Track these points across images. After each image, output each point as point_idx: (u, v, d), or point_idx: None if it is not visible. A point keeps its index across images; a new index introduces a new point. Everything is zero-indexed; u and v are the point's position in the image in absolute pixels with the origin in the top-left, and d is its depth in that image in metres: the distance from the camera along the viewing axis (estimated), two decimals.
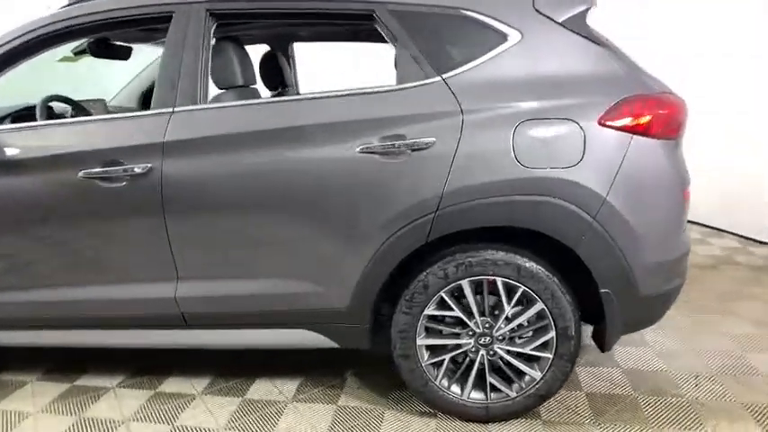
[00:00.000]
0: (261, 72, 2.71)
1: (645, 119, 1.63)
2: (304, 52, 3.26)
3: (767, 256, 3.58)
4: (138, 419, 1.94)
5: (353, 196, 1.69)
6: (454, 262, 1.72)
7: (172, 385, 2.16)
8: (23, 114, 2.25)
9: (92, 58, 2.41)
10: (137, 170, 1.71)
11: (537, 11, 1.74)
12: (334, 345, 1.89)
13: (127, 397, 2.09)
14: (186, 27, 1.78)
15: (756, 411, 1.90)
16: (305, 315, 1.84)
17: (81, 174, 1.73)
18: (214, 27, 1.82)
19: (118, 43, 2.50)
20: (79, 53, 2.56)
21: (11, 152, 1.78)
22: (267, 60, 2.74)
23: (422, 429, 1.85)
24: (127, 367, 2.29)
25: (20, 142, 1.81)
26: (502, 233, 1.74)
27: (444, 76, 1.69)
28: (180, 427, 1.89)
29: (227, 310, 1.85)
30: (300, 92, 3.00)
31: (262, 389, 2.12)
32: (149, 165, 1.71)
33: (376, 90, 1.72)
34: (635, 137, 1.63)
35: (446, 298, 1.75)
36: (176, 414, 1.97)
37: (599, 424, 1.85)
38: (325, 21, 1.90)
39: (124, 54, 2.56)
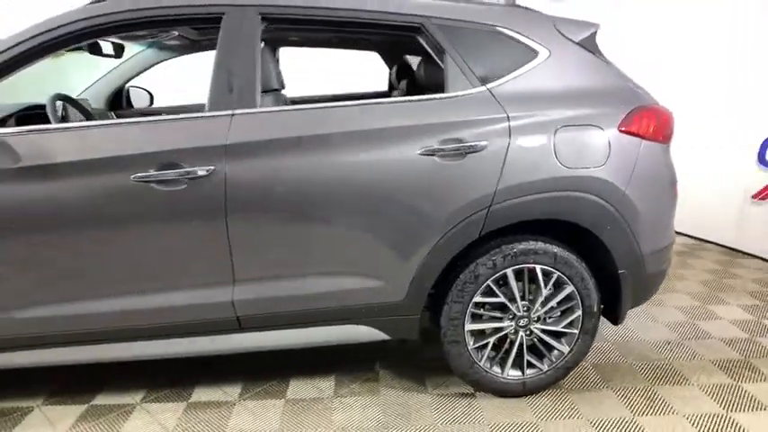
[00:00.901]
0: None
1: (651, 126, 1.96)
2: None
3: (685, 243, 4.26)
4: (184, 430, 1.88)
5: (414, 196, 1.81)
6: (501, 253, 1.91)
7: (202, 394, 2.10)
8: (29, 114, 2.04)
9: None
10: (200, 173, 1.68)
11: (558, 31, 2.01)
12: (385, 337, 1.98)
13: (159, 411, 1.99)
14: (239, 29, 1.78)
15: (723, 366, 2.33)
16: (361, 310, 1.92)
17: (133, 177, 1.66)
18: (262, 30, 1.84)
19: (115, 41, 2.35)
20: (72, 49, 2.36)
21: (47, 156, 1.64)
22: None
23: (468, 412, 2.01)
24: (140, 381, 2.16)
25: (54, 145, 1.67)
26: (530, 225, 1.97)
27: (489, 86, 1.89)
28: None
29: (284, 311, 1.87)
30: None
31: (300, 388, 2.13)
32: (212, 167, 1.69)
33: (432, 98, 1.87)
34: (644, 141, 1.95)
35: (492, 286, 1.94)
36: (222, 421, 1.93)
37: (611, 387, 2.16)
38: (369, 30, 1.99)
39: (118, 52, 2.41)
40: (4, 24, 4.57)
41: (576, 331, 2.04)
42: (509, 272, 1.94)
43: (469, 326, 1.98)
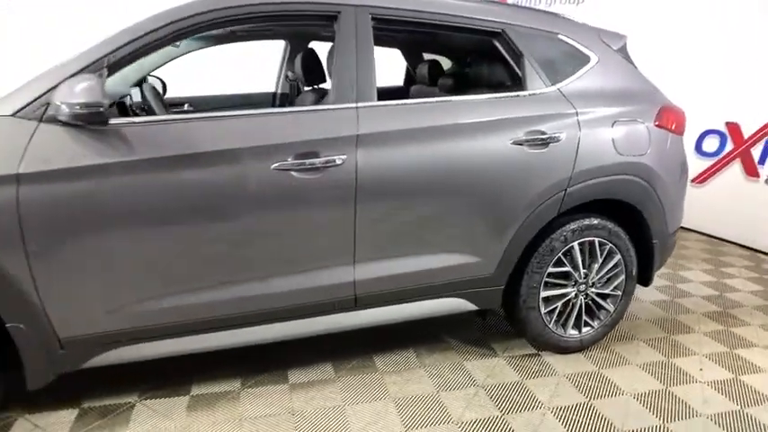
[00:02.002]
0: (303, 68, 2.77)
1: (674, 122, 2.40)
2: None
3: None
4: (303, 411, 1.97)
5: (507, 180, 2.07)
6: (571, 229, 2.24)
7: (300, 375, 2.19)
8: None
9: None
10: (337, 161, 1.79)
11: (602, 40, 2.38)
12: (474, 307, 2.22)
13: (262, 394, 2.05)
14: (356, 27, 1.92)
15: (711, 317, 2.88)
16: (460, 284, 2.14)
17: (274, 166, 1.73)
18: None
19: None
20: None
21: (192, 145, 1.66)
22: (310, 57, 2.81)
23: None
24: (227, 369, 2.19)
25: (196, 134, 1.69)
26: (586, 205, 2.31)
27: (558, 86, 2.20)
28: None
29: (395, 288, 2.03)
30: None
31: (389, 358, 2.30)
32: (345, 155, 1.81)
33: (517, 95, 2.14)
34: (670, 134, 2.38)
35: (562, 257, 2.27)
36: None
37: (641, 339, 2.59)
38: (455, 33, 2.19)
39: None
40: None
41: (620, 293, 2.43)
42: (575, 245, 2.27)
43: (543, 293, 2.28)
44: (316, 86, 2.59)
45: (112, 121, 1.59)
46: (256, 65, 3.69)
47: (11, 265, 1.51)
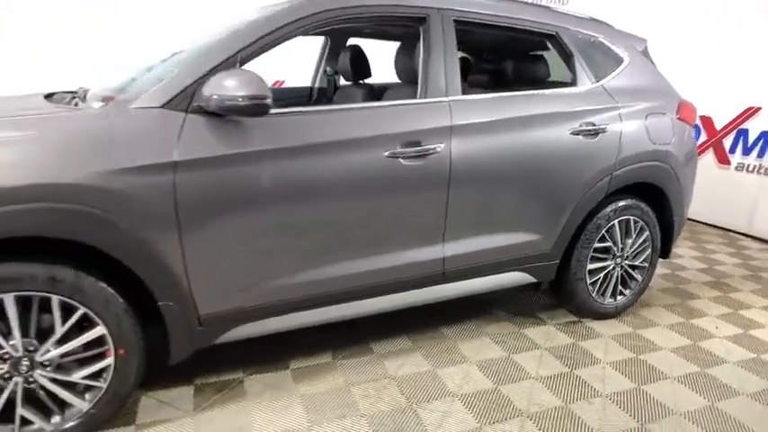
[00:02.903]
0: (351, 63, 2.93)
1: (688, 114, 2.78)
2: None
3: None
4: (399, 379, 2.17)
5: (566, 166, 2.36)
6: (613, 209, 2.55)
7: (382, 347, 2.38)
8: None
9: None
10: (437, 149, 2.01)
11: (630, 44, 2.71)
12: (533, 280, 2.50)
13: (351, 366, 2.23)
14: (442, 29, 2.13)
15: (710, 285, 3.31)
16: (524, 259, 2.41)
17: (386, 153, 1.92)
18: None
19: None
20: None
21: (325, 134, 1.83)
22: (357, 54, 2.98)
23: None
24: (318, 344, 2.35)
25: (325, 124, 1.86)
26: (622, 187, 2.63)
27: (601, 82, 2.51)
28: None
29: (475, 263, 2.27)
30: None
31: (460, 329, 2.53)
32: (442, 144, 2.03)
33: (571, 91, 2.43)
34: (686, 125, 2.76)
35: (605, 234, 2.58)
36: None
37: (662, 305, 2.96)
38: (516, 35, 2.43)
39: None
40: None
41: (647, 265, 2.79)
42: (615, 223, 2.60)
43: (589, 266, 2.59)
44: (360, 81, 2.78)
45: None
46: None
47: (167, 247, 1.63)
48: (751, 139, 4.32)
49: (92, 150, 1.52)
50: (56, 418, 1.63)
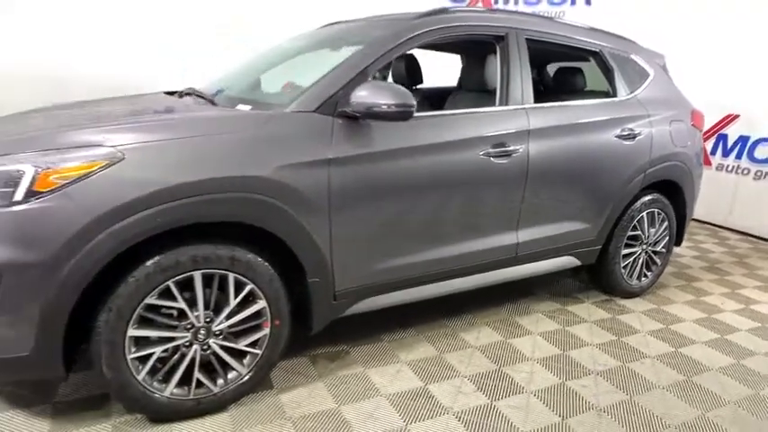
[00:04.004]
0: (406, 70, 3.23)
1: (699, 121, 3.25)
2: None
3: None
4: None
5: (612, 165, 2.77)
6: (643, 202, 2.98)
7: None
8: None
9: None
10: (519, 150, 2.35)
11: (653, 59, 3.16)
12: (579, 263, 2.89)
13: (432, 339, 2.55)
14: (518, 45, 2.48)
15: (709, 269, 3.82)
16: (574, 245, 2.79)
17: (481, 153, 2.26)
18: None
19: None
20: None
21: (438, 135, 2.15)
22: (411, 61, 3.28)
23: None
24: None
25: (445, 126, 2.19)
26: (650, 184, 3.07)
27: (634, 94, 2.93)
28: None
29: (539, 248, 2.63)
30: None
31: (516, 309, 2.89)
32: (522, 146, 2.38)
33: (613, 101, 2.84)
34: (697, 130, 3.23)
35: (637, 224, 3.01)
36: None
37: (677, 287, 3.43)
38: (567, 50, 2.81)
39: None
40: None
41: (665, 251, 3.25)
42: (644, 214, 3.03)
43: (623, 251, 3.01)
44: (414, 87, 3.10)
45: None
46: None
47: (319, 231, 1.90)
48: (730, 143, 4.91)
49: (269, 148, 1.78)
50: (220, 381, 1.87)
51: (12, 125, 1.94)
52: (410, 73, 3.14)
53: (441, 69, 4.21)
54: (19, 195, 1.47)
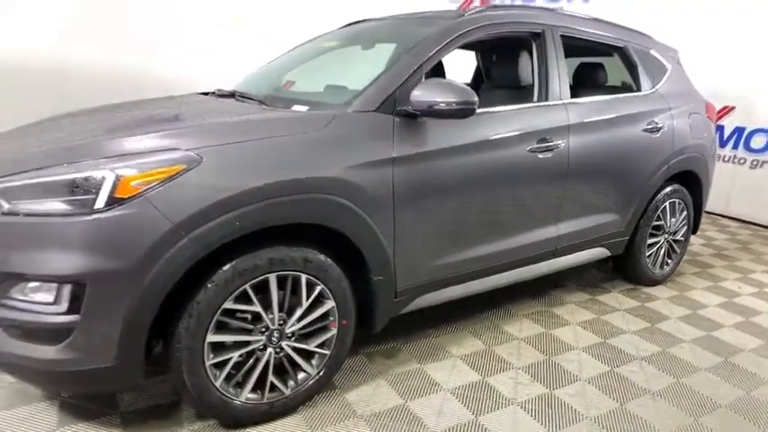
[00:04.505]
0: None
1: (712, 114, 3.37)
2: None
3: None
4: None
5: (639, 158, 2.85)
6: (665, 193, 3.08)
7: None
8: None
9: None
10: (561, 145, 2.40)
11: (670, 54, 3.26)
12: (608, 254, 2.96)
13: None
14: (554, 42, 2.53)
15: (719, 255, 3.96)
16: (604, 237, 2.86)
17: (528, 148, 2.30)
18: None
19: None
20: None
21: (490, 132, 2.18)
22: None
23: None
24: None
25: (496, 123, 2.22)
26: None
27: (656, 88, 3.02)
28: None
29: (575, 241, 2.69)
30: None
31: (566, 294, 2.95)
32: (563, 141, 2.43)
33: (637, 95, 2.92)
34: (711, 122, 3.35)
35: (660, 214, 3.10)
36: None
37: (692, 272, 3.55)
38: (593, 46, 2.87)
39: None
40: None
41: (684, 239, 3.36)
42: (666, 204, 3.13)
43: (648, 240, 3.10)
44: None
45: None
46: None
47: (384, 230, 1.91)
48: (726, 134, 5.09)
49: (337, 148, 1.79)
50: (291, 384, 1.86)
51: (57, 132, 1.88)
52: (433, 70, 3.15)
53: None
54: (100, 203, 1.44)
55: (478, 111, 2.22)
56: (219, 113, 2.00)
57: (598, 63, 3.19)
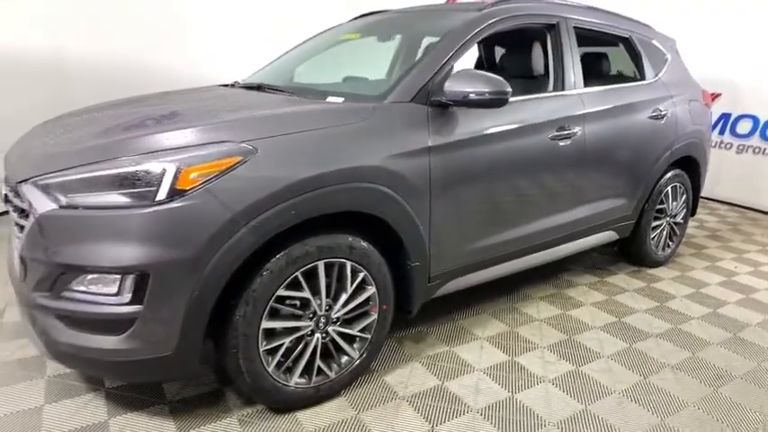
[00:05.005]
0: None
1: (708, 100, 3.52)
2: None
3: None
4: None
5: (646, 144, 2.96)
6: (667, 177, 3.21)
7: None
8: None
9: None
10: (578, 132, 2.49)
11: (669, 44, 3.38)
12: (617, 237, 3.08)
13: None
14: (568, 33, 2.61)
15: (714, 237, 4.14)
16: (614, 220, 2.98)
17: (550, 136, 2.38)
18: None
19: None
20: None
21: (517, 119, 2.26)
22: None
23: None
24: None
25: (522, 111, 2.31)
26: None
27: (658, 76, 3.14)
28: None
29: (590, 224, 2.80)
30: None
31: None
32: (580, 128, 2.52)
33: (643, 83, 3.03)
34: (708, 109, 3.49)
35: (663, 198, 3.24)
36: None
37: (693, 254, 3.70)
38: (601, 37, 2.96)
39: None
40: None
41: (683, 222, 3.51)
42: (669, 189, 3.26)
43: (653, 223, 3.24)
44: None
45: None
46: None
47: (421, 217, 1.97)
48: (713, 119, 5.27)
49: (379, 138, 1.84)
50: (335, 367, 1.92)
51: (97, 126, 1.88)
52: None
53: None
54: (162, 194, 1.47)
55: (521, 98, 2.32)
56: (259, 106, 2.02)
57: (602, 53, 3.30)
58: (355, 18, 3.09)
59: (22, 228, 1.61)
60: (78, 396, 1.90)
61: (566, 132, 2.45)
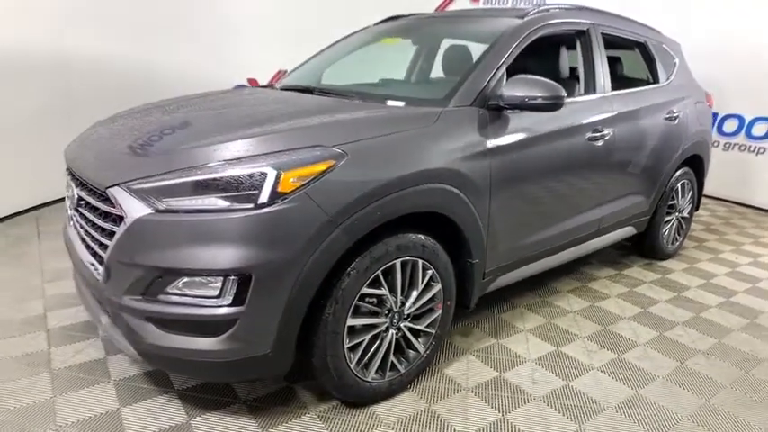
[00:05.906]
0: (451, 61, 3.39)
1: (711, 102, 3.73)
2: None
3: None
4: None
5: (663, 143, 3.14)
6: (678, 175, 3.40)
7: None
8: None
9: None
10: (609, 134, 2.63)
11: (676, 48, 3.58)
12: (635, 232, 3.25)
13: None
14: (597, 40, 2.75)
15: (721, 242, 4.38)
16: (633, 216, 3.14)
17: (586, 137, 2.51)
18: None
19: None
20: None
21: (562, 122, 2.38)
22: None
23: None
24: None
25: (568, 115, 2.41)
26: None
27: (670, 80, 3.33)
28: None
29: (613, 221, 2.95)
30: None
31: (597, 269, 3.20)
32: (609, 130, 2.66)
33: (658, 86, 3.20)
34: (710, 110, 3.71)
35: (673, 194, 3.43)
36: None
37: (696, 246, 3.93)
38: (622, 42, 3.10)
39: None
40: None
41: (689, 216, 3.72)
42: (678, 185, 3.46)
43: (666, 218, 3.43)
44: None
45: None
46: None
47: (482, 215, 2.06)
48: None
49: (448, 141, 1.92)
50: (404, 362, 2.00)
51: (168, 128, 1.89)
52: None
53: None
54: (264, 197, 1.51)
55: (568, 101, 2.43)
56: (331, 110, 2.03)
57: (617, 57, 3.46)
58: (384, 20, 3.16)
59: (95, 229, 1.67)
60: (152, 398, 1.92)
61: (599, 134, 2.59)
